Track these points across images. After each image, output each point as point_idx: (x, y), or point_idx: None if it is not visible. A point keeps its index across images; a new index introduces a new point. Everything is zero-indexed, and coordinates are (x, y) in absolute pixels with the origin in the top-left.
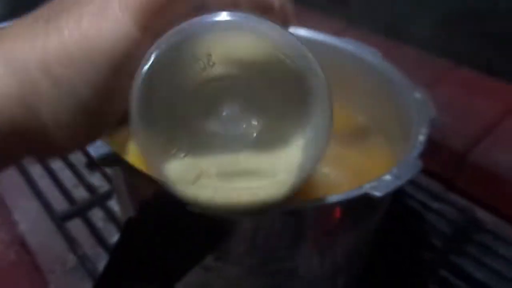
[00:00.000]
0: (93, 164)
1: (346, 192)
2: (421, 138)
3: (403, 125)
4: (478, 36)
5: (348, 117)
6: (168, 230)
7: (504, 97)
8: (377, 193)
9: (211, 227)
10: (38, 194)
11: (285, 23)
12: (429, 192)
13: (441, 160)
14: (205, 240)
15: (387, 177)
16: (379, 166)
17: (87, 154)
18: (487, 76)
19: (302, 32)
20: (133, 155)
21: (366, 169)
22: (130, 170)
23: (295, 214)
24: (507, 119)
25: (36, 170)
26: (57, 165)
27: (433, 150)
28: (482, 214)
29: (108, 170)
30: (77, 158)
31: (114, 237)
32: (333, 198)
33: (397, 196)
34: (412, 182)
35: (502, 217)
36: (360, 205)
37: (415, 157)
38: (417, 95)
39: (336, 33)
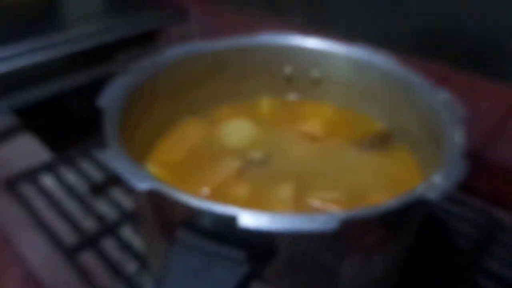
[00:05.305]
0: (97, 189)
1: (395, 198)
2: (459, 137)
3: (427, 128)
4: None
5: (369, 124)
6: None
7: (506, 97)
8: (432, 195)
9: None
10: (44, 227)
11: None
12: (447, 197)
13: None
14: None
15: (436, 178)
16: (409, 172)
17: (89, 180)
18: (482, 78)
19: (312, 42)
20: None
21: (394, 175)
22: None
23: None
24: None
25: (39, 202)
26: (60, 194)
27: None
28: (502, 214)
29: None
30: (80, 186)
31: (130, 266)
32: (382, 207)
33: None
34: None
35: None
36: (409, 212)
37: (460, 156)
38: (441, 96)
39: None
